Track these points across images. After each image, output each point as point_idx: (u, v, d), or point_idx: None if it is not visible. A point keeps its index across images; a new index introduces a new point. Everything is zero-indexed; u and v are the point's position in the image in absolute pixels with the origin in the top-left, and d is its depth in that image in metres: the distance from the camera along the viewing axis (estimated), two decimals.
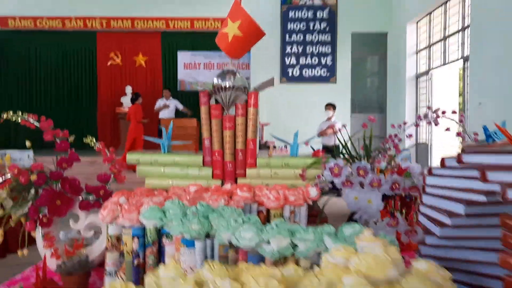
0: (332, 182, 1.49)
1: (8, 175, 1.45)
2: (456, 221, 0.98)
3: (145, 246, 1.10)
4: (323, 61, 10.79)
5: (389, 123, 10.85)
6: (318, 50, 10.78)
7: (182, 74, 14.34)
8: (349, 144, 1.91)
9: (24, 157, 5.03)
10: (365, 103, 11.23)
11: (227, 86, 1.59)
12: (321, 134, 8.93)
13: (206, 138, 1.57)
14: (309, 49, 10.75)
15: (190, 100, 14.25)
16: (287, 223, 0.98)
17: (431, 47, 9.06)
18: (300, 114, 10.50)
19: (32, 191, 1.42)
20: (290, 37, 10.72)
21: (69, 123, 14.02)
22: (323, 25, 10.75)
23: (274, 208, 1.29)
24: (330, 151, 8.97)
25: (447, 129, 1.98)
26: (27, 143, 1.73)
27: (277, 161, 1.59)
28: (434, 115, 1.72)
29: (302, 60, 10.76)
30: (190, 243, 0.98)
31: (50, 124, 1.65)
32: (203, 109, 1.57)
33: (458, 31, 7.78)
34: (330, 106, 9.03)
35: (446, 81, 8.81)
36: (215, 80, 1.67)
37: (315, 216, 1.52)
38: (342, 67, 10.77)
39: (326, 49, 10.78)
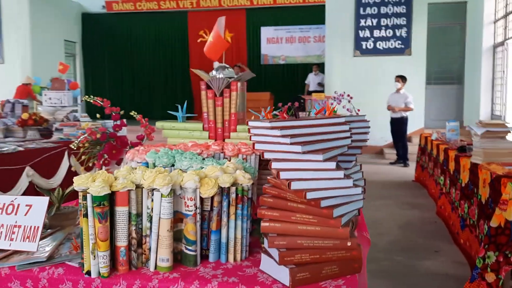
0: None
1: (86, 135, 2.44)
2: None
3: None
4: (397, 33, 10.93)
5: (466, 94, 10.79)
6: (393, 22, 10.92)
7: (265, 48, 15.17)
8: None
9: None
10: (441, 75, 11.20)
11: (219, 77, 2.39)
12: (389, 109, 9.22)
13: (204, 112, 2.40)
14: (383, 21, 10.94)
15: (270, 73, 15.08)
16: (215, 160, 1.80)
17: (507, 17, 8.89)
18: (373, 87, 10.80)
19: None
20: (364, 10, 10.98)
21: (167, 95, 15.61)
22: None
23: (231, 155, 2.08)
24: (398, 123, 9.30)
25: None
26: (97, 115, 2.73)
27: None
28: (341, 96, 2.36)
29: (376, 33, 10.99)
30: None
31: (109, 103, 2.57)
32: (203, 94, 2.39)
33: None
34: (399, 78, 9.28)
35: None
36: (213, 72, 2.47)
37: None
38: (418, 39, 10.82)
39: (401, 21, 10.89)
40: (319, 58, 14.50)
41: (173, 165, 1.83)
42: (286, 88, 14.50)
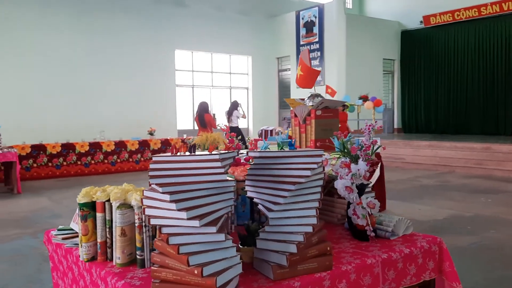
0: None
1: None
2: None
3: None
4: None
5: None
6: None
7: None
8: None
9: None
10: None
11: (307, 105, 2.48)
12: None
13: (293, 138, 2.55)
14: None
15: None
16: None
17: None
18: None
19: None
20: None
21: (486, 110, 14.18)
22: None
23: None
24: None
25: None
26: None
27: None
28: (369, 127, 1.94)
29: None
30: None
31: (228, 129, 3.03)
32: (292, 121, 2.56)
33: None
34: None
35: None
36: (305, 99, 2.57)
37: None
38: None
39: None
40: None
41: None
42: None
